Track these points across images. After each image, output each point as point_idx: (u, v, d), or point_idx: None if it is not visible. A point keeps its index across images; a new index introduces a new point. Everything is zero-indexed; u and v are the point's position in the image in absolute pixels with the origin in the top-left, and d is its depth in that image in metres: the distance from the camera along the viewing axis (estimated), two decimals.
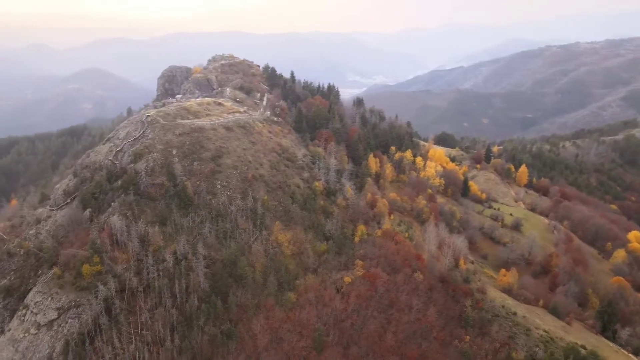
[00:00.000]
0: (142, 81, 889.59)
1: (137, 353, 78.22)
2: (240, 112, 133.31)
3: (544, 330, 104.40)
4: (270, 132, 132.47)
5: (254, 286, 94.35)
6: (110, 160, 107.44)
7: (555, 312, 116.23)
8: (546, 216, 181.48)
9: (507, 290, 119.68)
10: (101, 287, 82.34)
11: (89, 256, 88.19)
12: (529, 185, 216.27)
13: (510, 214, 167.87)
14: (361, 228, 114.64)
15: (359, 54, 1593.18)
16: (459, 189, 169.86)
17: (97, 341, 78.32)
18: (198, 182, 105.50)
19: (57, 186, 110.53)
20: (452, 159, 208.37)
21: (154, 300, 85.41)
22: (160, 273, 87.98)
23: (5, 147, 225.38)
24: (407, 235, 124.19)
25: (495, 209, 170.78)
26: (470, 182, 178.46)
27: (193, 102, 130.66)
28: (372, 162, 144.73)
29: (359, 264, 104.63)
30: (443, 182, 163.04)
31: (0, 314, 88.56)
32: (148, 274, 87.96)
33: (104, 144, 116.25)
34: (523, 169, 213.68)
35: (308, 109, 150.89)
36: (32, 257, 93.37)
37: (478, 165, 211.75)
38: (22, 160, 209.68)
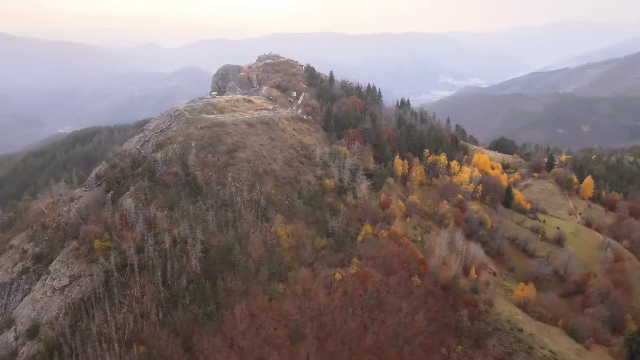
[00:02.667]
0: None
1: (123, 322, 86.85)
2: (268, 109, 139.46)
3: (550, 351, 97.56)
4: (294, 129, 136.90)
5: (245, 273, 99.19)
6: (137, 149, 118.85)
7: (573, 333, 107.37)
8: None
9: (522, 306, 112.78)
10: (102, 260, 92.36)
11: (101, 233, 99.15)
12: (596, 199, 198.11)
13: (558, 227, 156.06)
14: (366, 228, 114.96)
15: (455, 55, 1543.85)
16: (500, 197, 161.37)
17: (91, 308, 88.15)
18: (210, 173, 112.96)
19: (93, 170, 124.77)
20: (505, 166, 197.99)
21: (148, 277, 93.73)
22: (158, 253, 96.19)
23: (89, 136, 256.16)
24: (419, 239, 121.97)
25: (540, 220, 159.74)
26: (515, 191, 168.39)
27: (222, 99, 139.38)
28: (398, 164, 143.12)
29: (355, 262, 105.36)
30: (481, 188, 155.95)
31: (30, 277, 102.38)
32: (148, 253, 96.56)
33: (137, 134, 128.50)
34: (588, 180, 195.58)
35: (341, 109, 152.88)
36: (61, 230, 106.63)
37: (535, 174, 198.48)
38: (100, 148, 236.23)
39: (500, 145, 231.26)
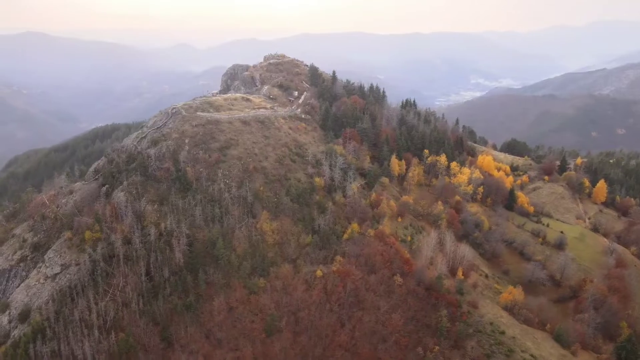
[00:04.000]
0: None
1: (105, 309, 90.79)
2: (266, 108, 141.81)
3: (532, 355, 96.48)
4: (291, 128, 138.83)
5: (227, 267, 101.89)
6: (134, 145, 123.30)
7: (559, 339, 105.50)
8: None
9: (509, 309, 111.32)
10: (89, 250, 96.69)
11: (92, 224, 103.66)
12: (610, 204, 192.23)
13: (561, 232, 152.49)
14: (353, 226, 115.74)
15: (489, 55, 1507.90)
16: (503, 200, 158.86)
17: (76, 296, 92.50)
18: (201, 170, 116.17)
19: (92, 165, 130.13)
20: (514, 168, 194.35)
21: (132, 267, 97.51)
22: (143, 245, 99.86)
23: (108, 132, 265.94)
24: (409, 239, 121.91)
25: (544, 224, 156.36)
26: (519, 194, 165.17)
27: (219, 97, 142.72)
28: (395, 164, 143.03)
29: (337, 260, 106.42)
30: (482, 190, 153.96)
31: (27, 265, 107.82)
32: (134, 245, 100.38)
33: (137, 131, 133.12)
34: (601, 184, 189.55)
35: (340, 109, 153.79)
36: (58, 221, 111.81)
37: (546, 177, 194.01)
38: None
39: (511, 147, 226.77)
